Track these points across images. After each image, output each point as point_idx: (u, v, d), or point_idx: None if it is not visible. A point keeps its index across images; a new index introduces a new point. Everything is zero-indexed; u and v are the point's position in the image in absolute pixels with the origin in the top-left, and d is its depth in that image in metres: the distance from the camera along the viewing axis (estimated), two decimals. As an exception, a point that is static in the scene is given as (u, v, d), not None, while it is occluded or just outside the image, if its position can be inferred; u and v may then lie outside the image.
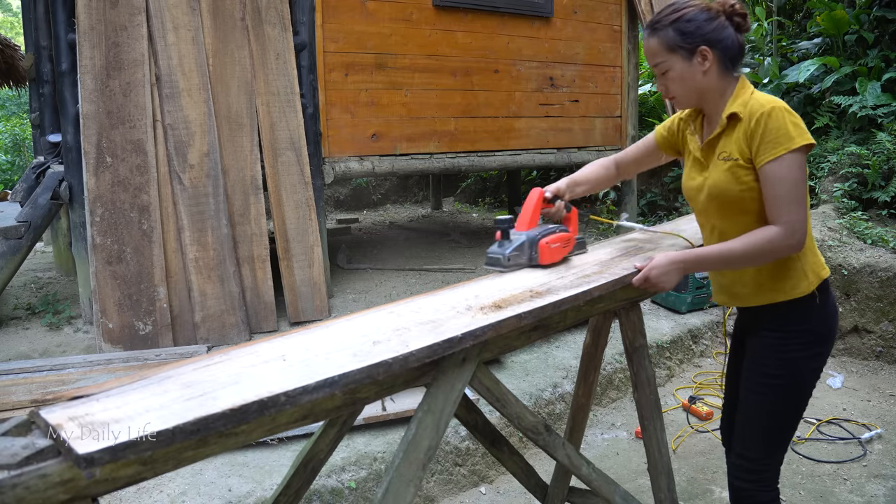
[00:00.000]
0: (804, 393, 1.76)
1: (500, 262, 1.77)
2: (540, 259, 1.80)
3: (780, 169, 1.57)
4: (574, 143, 5.47)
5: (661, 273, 1.68)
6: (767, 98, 1.63)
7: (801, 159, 1.58)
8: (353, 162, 4.41)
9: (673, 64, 1.68)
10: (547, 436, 1.66)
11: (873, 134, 5.16)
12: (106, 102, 3.51)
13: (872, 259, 4.09)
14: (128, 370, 3.05)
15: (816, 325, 1.72)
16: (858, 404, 3.55)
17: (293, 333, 1.35)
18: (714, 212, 1.75)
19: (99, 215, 3.45)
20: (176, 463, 1.04)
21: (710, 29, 1.65)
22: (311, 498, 2.44)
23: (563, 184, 1.97)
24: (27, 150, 9.63)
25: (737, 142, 1.65)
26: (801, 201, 1.58)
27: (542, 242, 1.79)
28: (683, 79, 1.69)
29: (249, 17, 3.91)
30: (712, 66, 1.67)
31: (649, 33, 1.71)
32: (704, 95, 1.72)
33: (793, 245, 1.60)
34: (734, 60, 1.70)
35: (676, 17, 1.67)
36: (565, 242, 1.86)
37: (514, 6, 4.97)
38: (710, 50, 1.66)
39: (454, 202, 9.05)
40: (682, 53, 1.67)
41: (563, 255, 1.86)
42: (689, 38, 1.65)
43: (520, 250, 1.78)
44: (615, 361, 3.62)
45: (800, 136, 1.57)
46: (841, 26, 5.64)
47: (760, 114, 1.59)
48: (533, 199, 1.86)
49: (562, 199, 1.94)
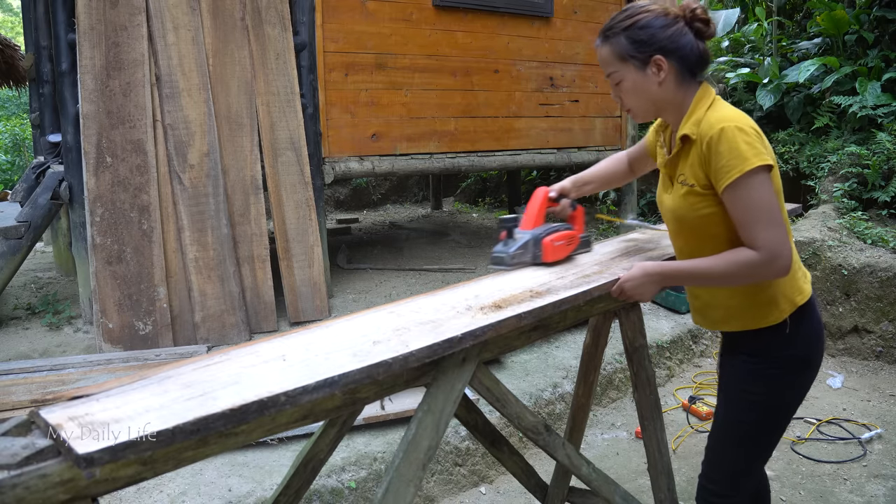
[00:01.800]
0: (778, 420, 1.67)
1: (504, 260, 1.78)
2: (543, 257, 1.80)
3: (739, 193, 1.46)
4: (574, 143, 5.47)
5: (636, 285, 1.62)
6: (721, 115, 1.51)
7: (762, 179, 1.45)
8: (353, 162, 4.41)
9: (625, 74, 1.57)
10: (547, 436, 1.66)
11: (873, 134, 5.16)
12: (106, 102, 3.51)
13: (872, 259, 4.09)
14: (128, 370, 3.05)
15: (787, 353, 1.61)
16: (858, 404, 3.55)
17: (293, 333, 1.35)
18: (679, 234, 1.69)
19: (99, 215, 3.45)
20: (176, 463, 1.04)
21: (666, 36, 1.53)
22: (311, 498, 2.44)
23: (569, 182, 1.95)
24: (27, 150, 9.63)
25: (692, 167, 1.55)
26: (772, 222, 1.46)
27: (545, 241, 1.80)
28: (637, 90, 1.58)
29: (249, 17, 3.91)
30: (668, 77, 1.55)
31: (601, 41, 1.60)
32: (661, 108, 1.61)
33: (777, 270, 1.48)
34: (694, 69, 1.58)
35: (629, 23, 1.55)
36: (569, 240, 1.86)
37: (514, 6, 4.97)
38: (666, 59, 1.54)
39: (454, 202, 9.05)
40: (635, 63, 1.55)
41: (566, 254, 1.86)
42: (641, 46, 1.54)
43: (524, 249, 1.79)
44: (615, 361, 3.62)
45: (755, 155, 1.44)
46: (841, 26, 5.64)
47: (710, 137, 1.48)
48: (538, 199, 1.87)
49: (567, 198, 1.93)
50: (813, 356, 1.65)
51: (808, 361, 1.64)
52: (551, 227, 1.84)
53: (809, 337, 1.63)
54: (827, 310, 4.21)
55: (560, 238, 1.83)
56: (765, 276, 1.51)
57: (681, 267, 1.61)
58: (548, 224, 1.87)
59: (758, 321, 1.61)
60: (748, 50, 6.95)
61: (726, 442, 1.71)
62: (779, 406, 1.65)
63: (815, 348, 1.66)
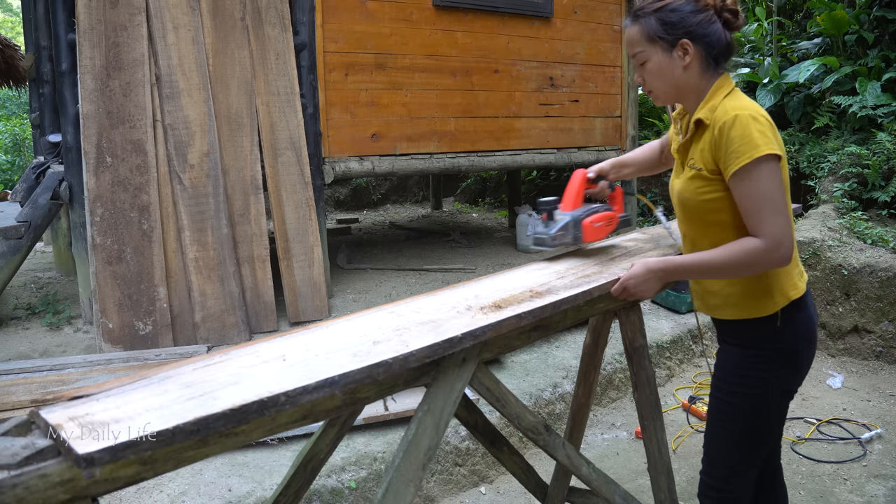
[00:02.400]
0: (767, 413, 1.67)
1: (546, 241, 1.80)
2: (584, 238, 1.82)
3: (747, 179, 1.47)
4: (574, 143, 5.47)
5: (638, 282, 1.63)
6: (736, 103, 1.53)
7: (771, 168, 1.47)
8: (353, 162, 4.41)
9: (651, 55, 1.59)
10: (547, 436, 1.66)
11: (873, 134, 5.16)
12: (106, 102, 3.51)
13: (872, 259, 4.09)
14: (128, 370, 3.05)
15: (780, 346, 1.62)
16: (858, 404, 3.55)
17: (293, 333, 1.35)
18: (683, 219, 1.71)
19: (99, 215, 3.45)
20: (176, 463, 1.04)
21: (695, 22, 1.55)
22: (311, 498, 2.44)
23: (608, 164, 1.98)
24: (27, 150, 9.63)
25: (702, 151, 1.57)
26: (777, 211, 1.47)
27: (585, 222, 1.82)
28: (662, 72, 1.60)
29: (249, 17, 3.91)
30: (693, 62, 1.57)
31: (631, 21, 1.62)
32: (683, 92, 1.63)
33: (778, 258, 1.49)
34: (719, 58, 1.60)
35: (660, 5, 1.57)
36: (608, 221, 1.89)
37: (514, 6, 4.97)
38: (693, 44, 1.56)
39: (454, 202, 9.05)
40: (662, 45, 1.57)
41: (606, 234, 1.90)
42: (670, 28, 1.56)
43: (565, 230, 1.80)
44: (615, 361, 3.62)
45: (766, 144, 1.46)
46: (841, 26, 5.64)
47: (724, 122, 1.50)
48: (577, 180, 1.90)
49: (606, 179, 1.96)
50: (801, 351, 1.65)
51: (795, 355, 1.64)
52: (591, 209, 1.86)
53: (799, 333, 1.64)
54: (827, 310, 4.21)
55: (600, 219, 1.85)
56: (767, 265, 1.52)
57: (684, 261, 1.61)
58: (587, 205, 1.89)
59: (752, 311, 1.62)
60: (748, 50, 6.95)
61: (719, 434, 1.72)
62: (765, 398, 1.65)
63: (805, 344, 1.66)
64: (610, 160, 1.99)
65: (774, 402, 1.67)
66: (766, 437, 1.70)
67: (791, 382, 1.67)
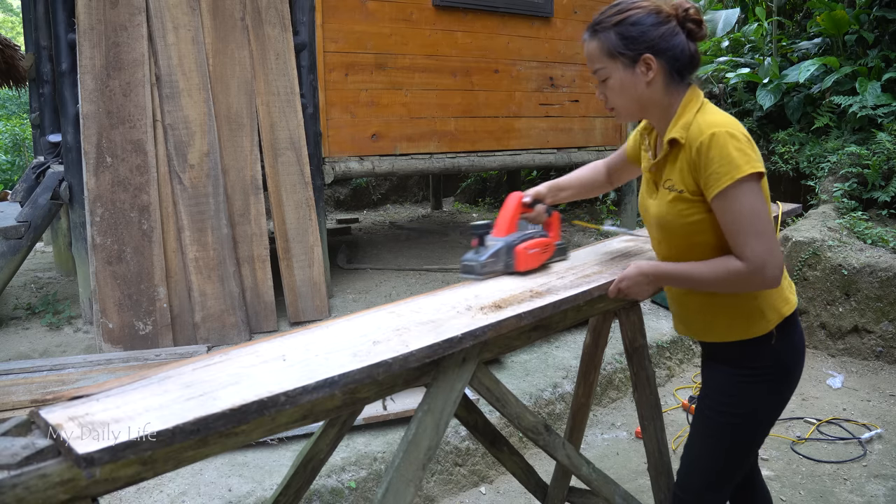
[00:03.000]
0: (754, 431, 1.62)
1: (475, 269, 1.70)
2: (516, 266, 1.73)
3: (729, 201, 1.42)
4: (574, 143, 5.47)
5: (631, 284, 1.61)
6: (711, 120, 1.46)
7: (753, 187, 1.41)
8: (353, 162, 4.41)
9: (612, 72, 1.52)
10: (547, 436, 1.66)
11: (873, 134, 5.16)
12: (106, 102, 3.51)
13: (872, 259, 4.09)
14: (128, 370, 3.05)
15: (772, 364, 1.57)
16: (858, 404, 3.55)
17: (293, 333, 1.35)
18: (662, 240, 1.64)
19: (99, 215, 3.45)
20: (176, 463, 1.04)
21: (658, 35, 1.48)
22: (311, 498, 2.44)
23: (545, 188, 1.88)
24: (27, 150, 9.63)
25: (680, 172, 1.51)
26: (761, 233, 1.42)
27: (518, 248, 1.72)
28: (624, 89, 1.53)
29: (249, 17, 3.91)
30: (657, 77, 1.51)
31: (589, 35, 1.55)
32: (647, 108, 1.56)
33: (767, 281, 1.44)
34: (683, 71, 1.53)
35: (620, 18, 1.50)
36: (544, 248, 1.79)
37: (514, 6, 4.97)
38: (656, 58, 1.49)
39: (454, 202, 9.05)
40: (624, 61, 1.50)
41: (541, 262, 1.79)
42: (632, 43, 1.49)
43: (496, 257, 1.71)
44: (615, 361, 3.62)
45: (747, 163, 1.40)
46: (841, 26, 5.64)
47: (700, 142, 1.43)
48: (511, 204, 1.79)
49: (543, 203, 1.86)
50: (795, 368, 1.61)
51: (790, 373, 1.60)
52: (525, 234, 1.77)
53: (794, 348, 1.60)
54: (827, 310, 4.21)
55: (534, 245, 1.75)
56: (753, 287, 1.48)
57: (676, 269, 1.57)
58: (522, 231, 1.79)
59: (743, 332, 1.57)
60: (748, 50, 6.95)
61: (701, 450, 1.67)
62: (754, 416, 1.60)
63: (798, 360, 1.62)
64: (546, 183, 1.90)
65: (764, 421, 1.62)
66: (749, 454, 1.65)
67: (784, 400, 1.63)
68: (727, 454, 1.63)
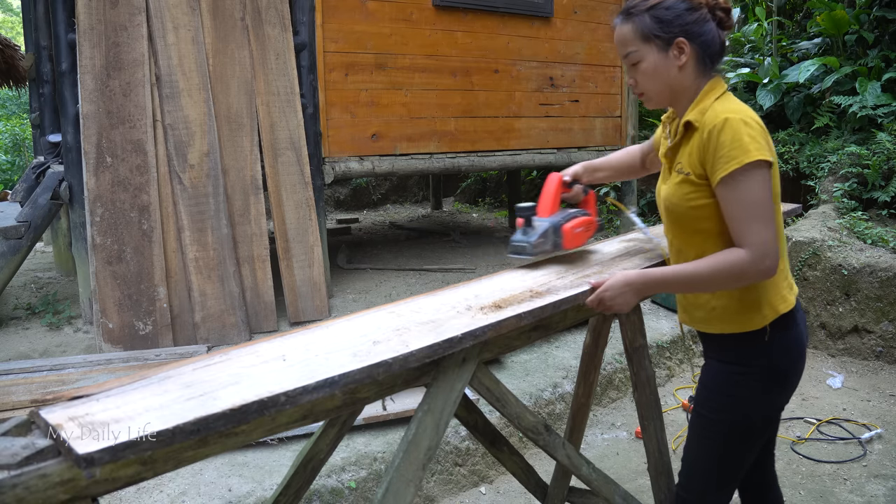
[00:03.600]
0: (749, 432, 1.59)
1: (526, 250, 1.73)
2: (564, 244, 1.77)
3: (735, 186, 1.41)
4: (574, 143, 5.47)
5: (614, 295, 1.55)
6: (727, 107, 1.47)
7: (761, 175, 1.41)
8: (353, 162, 4.41)
9: (646, 55, 1.52)
10: (547, 436, 1.66)
11: (873, 134, 5.16)
12: (106, 102, 3.51)
13: (872, 259, 4.09)
14: (128, 370, 3.05)
15: (768, 362, 1.55)
16: (858, 404, 3.55)
17: (293, 333, 1.35)
18: (669, 226, 1.63)
19: (99, 215, 3.45)
20: (176, 463, 1.04)
21: (691, 20, 1.50)
22: (311, 498, 2.44)
23: (581, 168, 1.92)
24: (27, 150, 9.63)
25: (690, 155, 1.51)
26: (765, 220, 1.41)
27: (565, 227, 1.76)
28: (657, 72, 1.53)
29: (249, 17, 3.91)
30: (689, 62, 1.52)
31: (622, 19, 1.55)
32: (677, 94, 1.56)
33: (763, 270, 1.42)
34: (713, 58, 1.55)
35: (654, 2, 1.51)
36: (588, 226, 1.85)
37: (514, 6, 4.97)
38: (689, 43, 1.50)
39: (454, 202, 9.05)
40: (658, 44, 1.51)
41: (586, 239, 1.85)
42: (666, 26, 1.50)
43: (545, 237, 1.74)
44: (615, 361, 3.62)
45: (757, 149, 1.40)
46: (841, 26, 5.64)
47: (713, 126, 1.44)
48: (553, 184, 1.83)
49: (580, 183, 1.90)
50: (790, 370, 1.58)
51: (783, 374, 1.57)
52: (569, 214, 1.81)
53: (788, 349, 1.57)
54: (827, 310, 4.21)
55: (579, 224, 1.80)
56: (751, 277, 1.45)
57: (664, 274, 1.54)
58: (565, 210, 1.84)
59: (739, 325, 1.56)
60: (748, 50, 6.95)
61: (698, 451, 1.65)
62: (748, 418, 1.58)
63: (793, 362, 1.58)
64: (583, 163, 1.94)
65: (757, 422, 1.59)
66: (746, 456, 1.62)
67: (777, 402, 1.60)
68: (723, 454, 1.61)
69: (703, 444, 1.64)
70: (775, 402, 1.60)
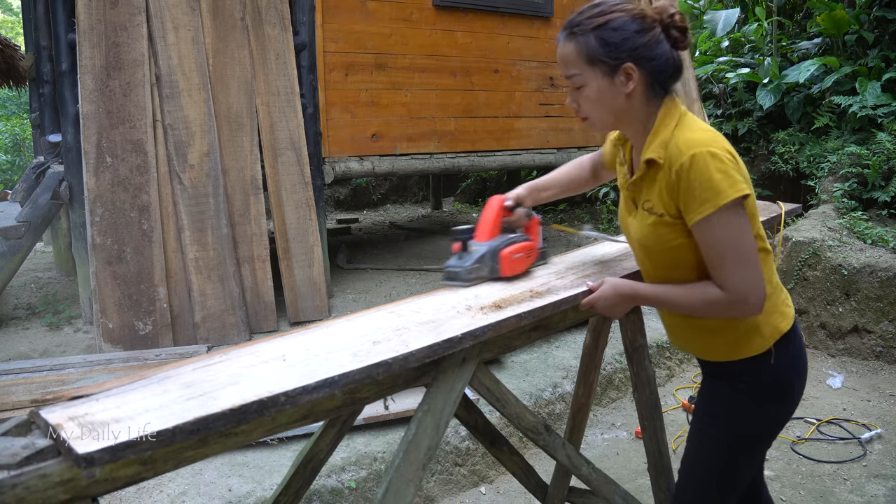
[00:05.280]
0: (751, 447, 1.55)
1: (460, 275, 1.65)
2: (501, 271, 1.68)
3: (710, 229, 1.34)
4: (574, 143, 5.47)
5: (608, 304, 1.54)
6: (691, 138, 1.36)
7: (736, 213, 1.33)
8: (353, 162, 4.41)
9: (589, 79, 1.40)
10: (547, 436, 1.66)
11: (873, 134, 5.17)
12: (106, 102, 3.51)
13: (872, 259, 4.09)
14: (128, 370, 3.05)
15: (770, 382, 1.50)
16: (858, 404, 3.55)
17: (293, 333, 1.35)
18: (644, 260, 1.57)
19: (99, 215, 3.45)
20: (176, 463, 1.04)
21: (641, 43, 1.37)
22: (311, 498, 2.44)
23: (524, 189, 1.80)
24: (27, 150, 9.63)
25: (659, 194, 1.41)
26: (743, 261, 1.35)
27: (503, 253, 1.68)
28: (601, 99, 1.41)
29: (249, 17, 3.91)
30: (637, 88, 1.40)
31: (565, 37, 1.42)
32: (623, 121, 1.46)
33: (747, 309, 1.38)
34: (665, 83, 1.42)
35: (601, 22, 1.37)
36: (528, 252, 1.75)
37: (514, 6, 4.97)
38: (637, 68, 1.37)
39: (454, 202, 9.05)
40: (603, 69, 1.38)
41: (526, 267, 1.75)
42: (612, 50, 1.37)
43: (480, 262, 1.66)
44: (615, 361, 3.62)
45: (730, 186, 1.31)
46: (841, 26, 5.64)
47: (680, 165, 1.34)
48: (493, 208, 1.74)
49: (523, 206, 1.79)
50: (794, 384, 1.53)
51: (788, 390, 1.52)
52: (509, 239, 1.72)
53: (791, 367, 1.52)
54: (827, 310, 4.21)
55: (519, 250, 1.71)
56: (734, 314, 1.42)
57: (653, 291, 1.51)
58: (505, 235, 1.74)
59: (741, 352, 1.49)
60: (748, 50, 6.95)
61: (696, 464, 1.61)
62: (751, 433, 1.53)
63: (798, 375, 1.54)
64: (526, 184, 1.82)
65: (760, 436, 1.55)
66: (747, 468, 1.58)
67: (780, 417, 1.55)
68: (723, 466, 1.57)
69: (701, 455, 1.60)
70: (779, 417, 1.55)
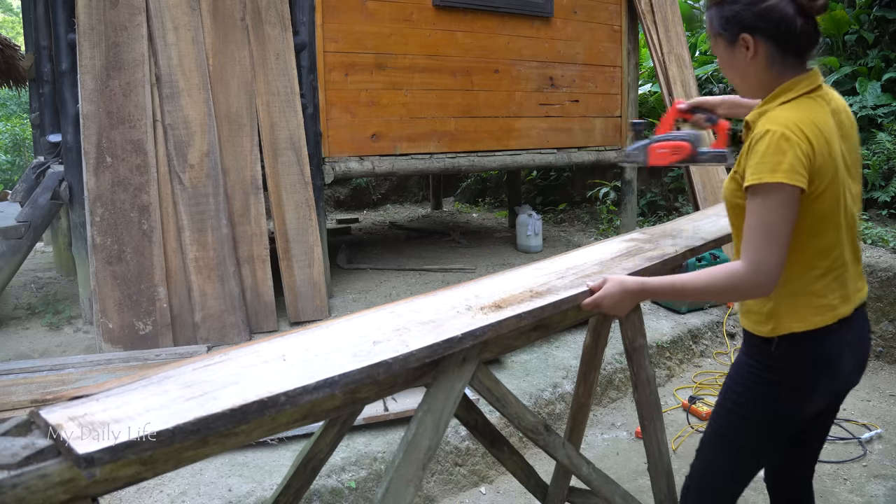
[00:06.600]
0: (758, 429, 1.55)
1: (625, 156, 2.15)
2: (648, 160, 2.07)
3: (752, 198, 1.39)
4: (574, 143, 5.47)
5: (614, 302, 1.57)
6: (784, 115, 1.40)
7: (779, 197, 1.35)
8: (353, 162, 4.41)
9: (717, 49, 1.52)
10: (547, 436, 1.66)
11: (873, 134, 5.16)
12: (106, 102, 3.51)
13: (872, 259, 4.09)
14: (128, 370, 3.05)
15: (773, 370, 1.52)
16: (858, 404, 3.55)
17: (293, 333, 1.35)
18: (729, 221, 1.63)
19: (99, 215, 3.45)
20: (176, 463, 1.04)
21: (754, 13, 1.41)
22: (311, 498, 2.44)
23: (719, 99, 1.96)
24: (27, 150, 9.63)
25: (742, 153, 1.47)
26: (770, 240, 1.36)
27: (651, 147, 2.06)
28: (732, 67, 1.51)
29: (249, 17, 3.91)
30: (759, 57, 1.45)
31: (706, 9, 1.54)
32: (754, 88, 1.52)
33: (758, 287, 1.39)
34: (796, 51, 1.44)
35: None
36: (674, 150, 2.05)
37: (514, 6, 4.97)
38: (754, 38, 1.43)
39: (454, 202, 9.05)
40: (724, 41, 1.49)
41: (669, 161, 2.06)
42: (727, 24, 1.46)
43: (639, 150, 2.08)
44: (615, 361, 3.62)
45: (784, 171, 1.34)
46: (841, 26, 5.64)
47: (758, 133, 1.40)
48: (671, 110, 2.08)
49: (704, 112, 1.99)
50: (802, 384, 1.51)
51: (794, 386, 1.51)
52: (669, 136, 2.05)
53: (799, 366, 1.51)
54: (827, 310, 4.21)
55: (665, 146, 2.04)
56: (743, 291, 1.42)
57: (661, 282, 1.55)
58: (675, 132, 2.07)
59: (752, 325, 1.56)
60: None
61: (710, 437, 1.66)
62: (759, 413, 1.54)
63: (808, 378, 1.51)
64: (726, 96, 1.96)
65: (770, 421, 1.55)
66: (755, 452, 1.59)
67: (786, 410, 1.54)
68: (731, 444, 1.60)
69: (715, 431, 1.64)
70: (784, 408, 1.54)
